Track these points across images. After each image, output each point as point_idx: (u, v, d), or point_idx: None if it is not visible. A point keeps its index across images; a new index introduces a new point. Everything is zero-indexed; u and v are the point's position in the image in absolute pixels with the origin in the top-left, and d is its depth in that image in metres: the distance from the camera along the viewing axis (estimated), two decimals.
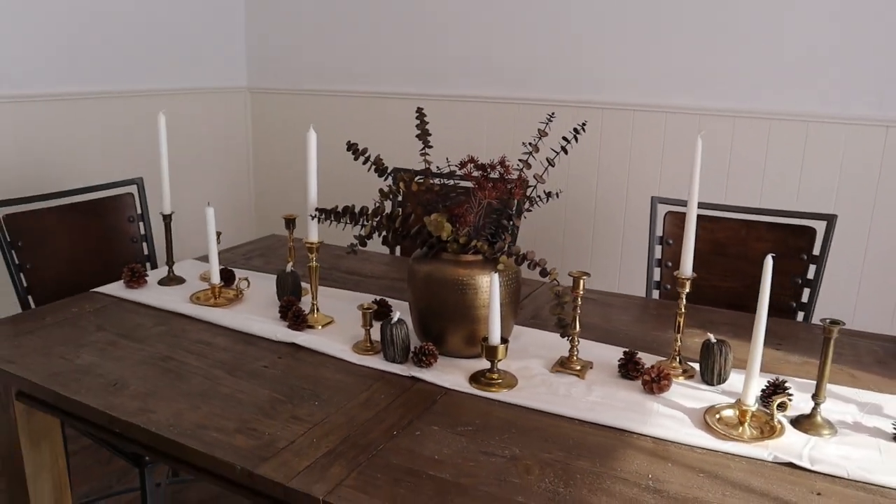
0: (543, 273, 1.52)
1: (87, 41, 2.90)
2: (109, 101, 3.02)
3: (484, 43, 3.13)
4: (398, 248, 2.66)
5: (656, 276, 2.35)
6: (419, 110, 1.71)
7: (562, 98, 3.01)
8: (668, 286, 2.34)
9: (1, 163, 2.69)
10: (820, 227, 2.20)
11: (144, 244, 2.43)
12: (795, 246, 2.23)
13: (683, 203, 2.34)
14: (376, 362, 1.60)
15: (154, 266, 2.44)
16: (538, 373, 1.58)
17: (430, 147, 1.67)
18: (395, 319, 1.58)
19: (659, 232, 2.35)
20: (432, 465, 1.23)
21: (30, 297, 2.11)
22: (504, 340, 1.50)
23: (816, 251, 2.19)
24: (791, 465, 1.26)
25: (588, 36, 2.94)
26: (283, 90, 3.63)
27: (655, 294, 2.34)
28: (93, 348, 1.65)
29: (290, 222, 1.96)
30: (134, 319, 1.83)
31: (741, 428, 1.38)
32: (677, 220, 2.33)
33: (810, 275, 2.20)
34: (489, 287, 1.56)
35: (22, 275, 2.10)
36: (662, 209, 2.35)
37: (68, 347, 1.65)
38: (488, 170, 1.55)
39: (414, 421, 1.37)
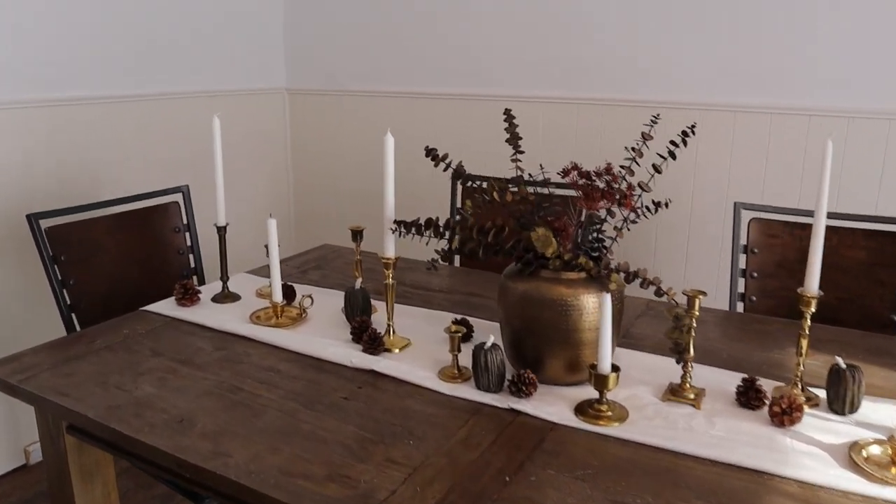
0: (659, 293, 1.35)
1: (121, 43, 2.76)
2: (146, 103, 2.87)
3: (540, 41, 2.96)
4: (457, 259, 2.51)
5: (740, 288, 2.18)
6: (507, 112, 1.54)
7: (623, 97, 2.84)
8: (754, 298, 2.17)
9: (37, 169, 2.55)
10: None
11: (191, 255, 2.28)
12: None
13: (770, 209, 2.19)
14: (467, 391, 1.44)
15: (201, 279, 2.29)
16: (649, 402, 1.42)
17: (522, 152, 1.51)
18: (490, 344, 1.42)
19: (742, 240, 2.17)
20: None
21: (73, 316, 1.96)
22: (615, 368, 1.34)
23: None
24: None
25: (666, 35, 2.76)
26: (322, 91, 3.48)
27: (739, 307, 2.17)
28: (151, 377, 1.50)
29: (357, 234, 1.80)
30: (191, 342, 1.68)
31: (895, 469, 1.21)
32: (764, 228, 2.16)
33: None
34: (595, 308, 1.40)
35: (65, 291, 1.95)
36: (746, 216, 2.18)
37: (124, 376, 1.50)
38: (594, 178, 1.39)
39: (525, 463, 1.21)
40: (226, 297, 1.92)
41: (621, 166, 1.46)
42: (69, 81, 2.61)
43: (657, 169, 1.44)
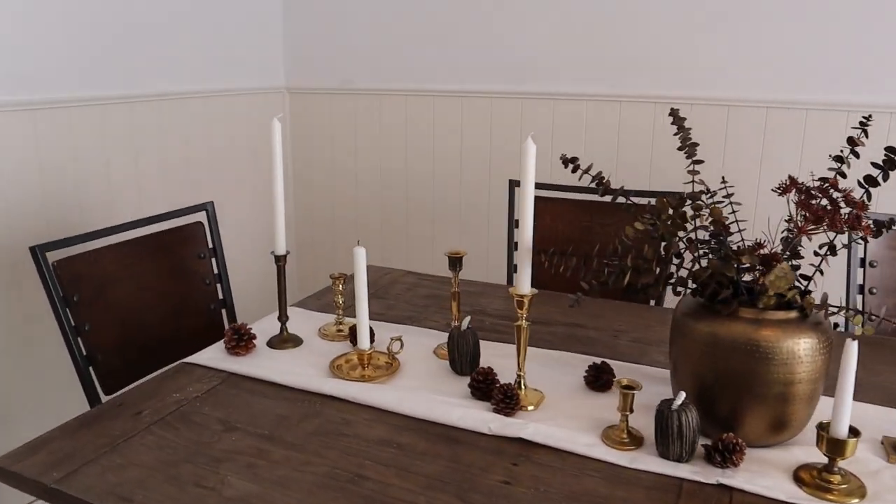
0: None
1: (110, 39, 2.34)
2: (139, 104, 2.45)
3: (581, 34, 2.67)
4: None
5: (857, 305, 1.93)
6: (674, 112, 1.24)
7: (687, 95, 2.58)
8: (874, 316, 1.92)
9: (25, 183, 2.12)
10: None
11: (218, 286, 1.91)
12: None
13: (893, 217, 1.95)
14: (650, 462, 1.14)
15: (231, 315, 1.92)
16: (877, 466, 1.15)
17: (701, 162, 1.21)
18: (680, 402, 1.12)
19: (860, 252, 1.93)
20: None
21: (91, 370, 1.57)
22: (855, 432, 1.06)
23: None
24: None
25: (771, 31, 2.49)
26: (328, 90, 3.10)
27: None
28: (235, 464, 1.14)
29: (456, 261, 1.47)
30: (267, 408, 1.32)
31: None
32: (885, 239, 1.93)
33: None
34: (809, 354, 1.12)
35: (80, 340, 1.56)
36: None
37: (199, 465, 1.14)
38: (817, 196, 1.10)
39: None
40: (285, 341, 1.57)
41: (823, 179, 1.17)
42: (56, 82, 2.18)
43: (873, 181, 1.17)
